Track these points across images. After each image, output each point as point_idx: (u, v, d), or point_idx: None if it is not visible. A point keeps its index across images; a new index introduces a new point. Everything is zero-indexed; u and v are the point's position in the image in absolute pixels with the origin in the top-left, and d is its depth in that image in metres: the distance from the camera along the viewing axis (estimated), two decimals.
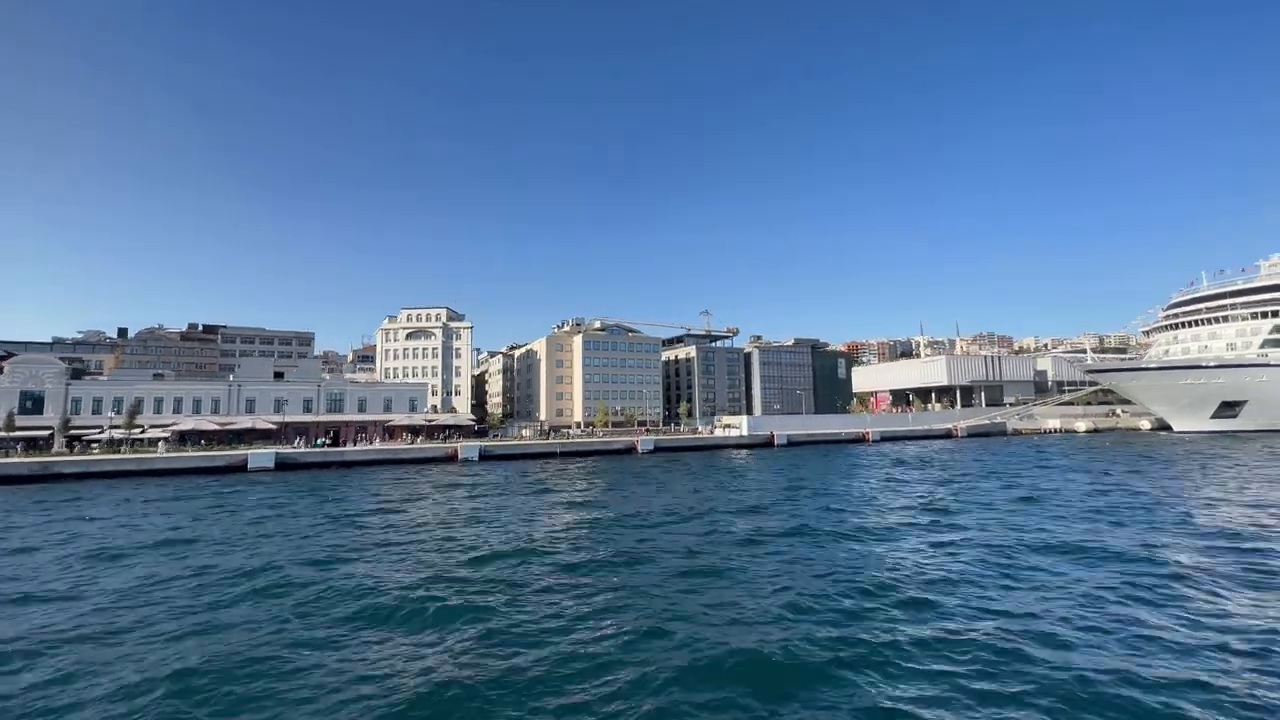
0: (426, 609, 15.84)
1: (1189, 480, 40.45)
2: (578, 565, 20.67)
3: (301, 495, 40.31)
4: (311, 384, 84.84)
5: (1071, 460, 58.73)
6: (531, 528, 27.69)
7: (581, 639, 13.73)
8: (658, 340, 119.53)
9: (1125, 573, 18.51)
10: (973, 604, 15.81)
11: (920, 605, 15.81)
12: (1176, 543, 22.47)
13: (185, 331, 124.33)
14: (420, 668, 12.27)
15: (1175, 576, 18.03)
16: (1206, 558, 20.16)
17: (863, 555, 21.47)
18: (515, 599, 16.91)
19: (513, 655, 12.86)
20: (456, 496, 39.23)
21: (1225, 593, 16.50)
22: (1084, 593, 16.64)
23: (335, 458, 63.88)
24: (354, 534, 26.68)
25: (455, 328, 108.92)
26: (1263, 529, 24.38)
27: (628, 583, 18.43)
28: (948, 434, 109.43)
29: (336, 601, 16.77)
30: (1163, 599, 16.04)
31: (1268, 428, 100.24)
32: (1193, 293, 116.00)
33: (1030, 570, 19.07)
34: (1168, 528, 25.14)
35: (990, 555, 21.00)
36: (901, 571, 19.07)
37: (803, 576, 18.66)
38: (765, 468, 58.17)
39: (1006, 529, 25.54)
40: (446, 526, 28.30)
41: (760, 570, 19.62)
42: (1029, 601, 15.92)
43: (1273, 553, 20.56)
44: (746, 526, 27.18)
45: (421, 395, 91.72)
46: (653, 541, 24.30)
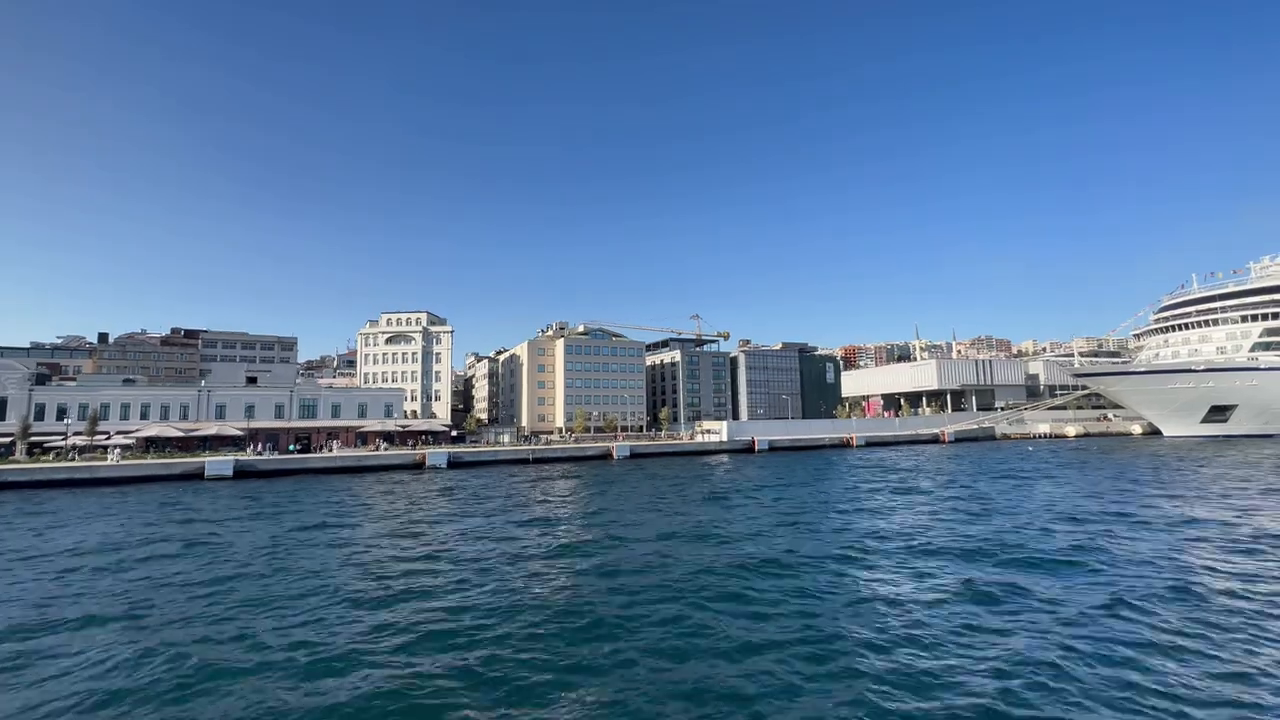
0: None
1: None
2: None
3: (240, 507, 39.04)
4: (284, 389, 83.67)
5: (1035, 467, 57.37)
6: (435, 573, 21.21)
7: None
8: (641, 344, 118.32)
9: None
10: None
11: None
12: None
13: (166, 336, 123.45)
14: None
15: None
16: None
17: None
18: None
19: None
20: (397, 509, 37.90)
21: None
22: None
23: (297, 465, 62.57)
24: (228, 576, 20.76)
25: (436, 331, 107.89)
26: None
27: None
28: (935, 439, 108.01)
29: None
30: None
31: (1259, 432, 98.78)
32: (1183, 296, 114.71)
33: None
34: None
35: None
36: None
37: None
38: (735, 476, 56.79)
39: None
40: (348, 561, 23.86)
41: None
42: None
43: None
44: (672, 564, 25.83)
45: (398, 400, 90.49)
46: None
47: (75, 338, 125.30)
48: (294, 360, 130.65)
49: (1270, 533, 24.60)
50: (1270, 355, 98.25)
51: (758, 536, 26.32)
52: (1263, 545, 22.49)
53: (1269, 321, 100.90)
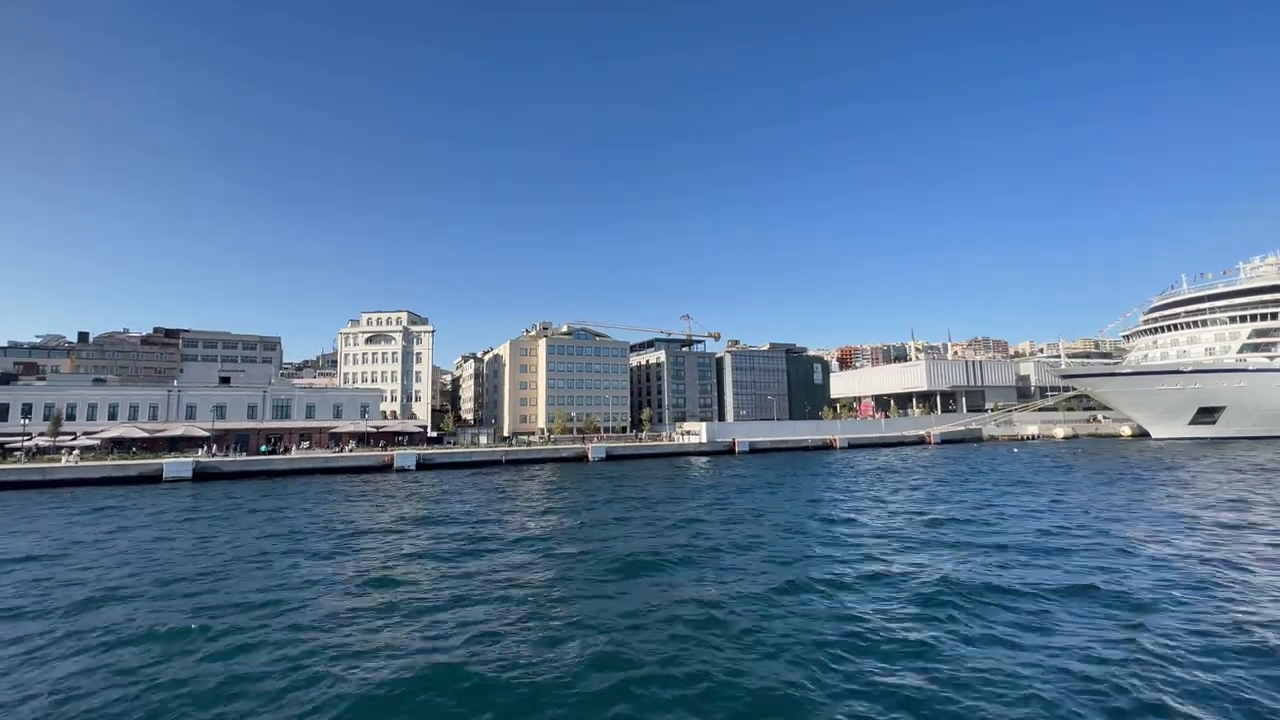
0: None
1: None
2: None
3: (177, 512, 37.90)
4: (257, 390, 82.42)
5: (1002, 472, 56.22)
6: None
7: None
8: (625, 344, 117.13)
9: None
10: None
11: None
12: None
13: (146, 336, 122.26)
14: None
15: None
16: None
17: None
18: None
19: None
20: (340, 514, 36.74)
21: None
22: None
23: (260, 467, 61.36)
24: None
25: (416, 331, 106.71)
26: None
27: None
28: (920, 441, 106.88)
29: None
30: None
31: (1247, 434, 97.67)
32: (1172, 296, 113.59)
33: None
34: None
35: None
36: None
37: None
38: (704, 479, 55.64)
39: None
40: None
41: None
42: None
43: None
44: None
45: (375, 400, 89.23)
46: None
47: (55, 337, 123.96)
48: (276, 360, 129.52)
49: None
50: (1259, 356, 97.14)
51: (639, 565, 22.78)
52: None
53: (1258, 323, 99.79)
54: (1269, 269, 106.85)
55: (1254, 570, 19.79)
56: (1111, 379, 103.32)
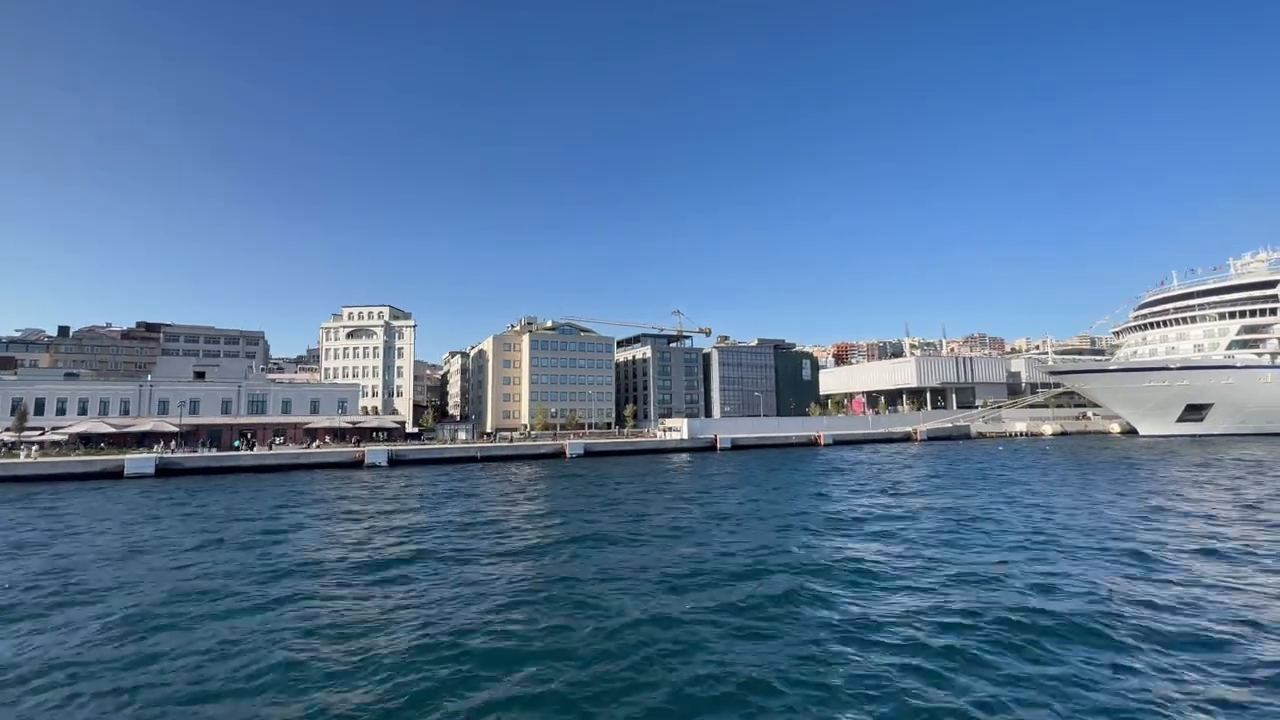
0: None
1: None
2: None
3: (125, 511, 36.91)
4: (231, 385, 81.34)
5: (967, 470, 55.40)
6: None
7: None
8: (610, 340, 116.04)
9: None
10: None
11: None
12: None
13: (126, 330, 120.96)
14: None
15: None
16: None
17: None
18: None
19: None
20: (288, 515, 35.75)
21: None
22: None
23: (226, 463, 60.33)
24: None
25: (398, 326, 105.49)
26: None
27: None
28: (907, 438, 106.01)
29: None
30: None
31: (1235, 431, 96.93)
32: (1162, 293, 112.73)
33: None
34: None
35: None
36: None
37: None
38: (677, 479, 54.71)
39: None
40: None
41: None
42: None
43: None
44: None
45: (353, 396, 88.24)
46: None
47: (35, 331, 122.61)
48: (261, 355, 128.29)
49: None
50: (1247, 353, 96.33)
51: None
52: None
53: (1247, 319, 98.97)
54: (1259, 265, 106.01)
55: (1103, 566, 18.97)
56: (1099, 375, 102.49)
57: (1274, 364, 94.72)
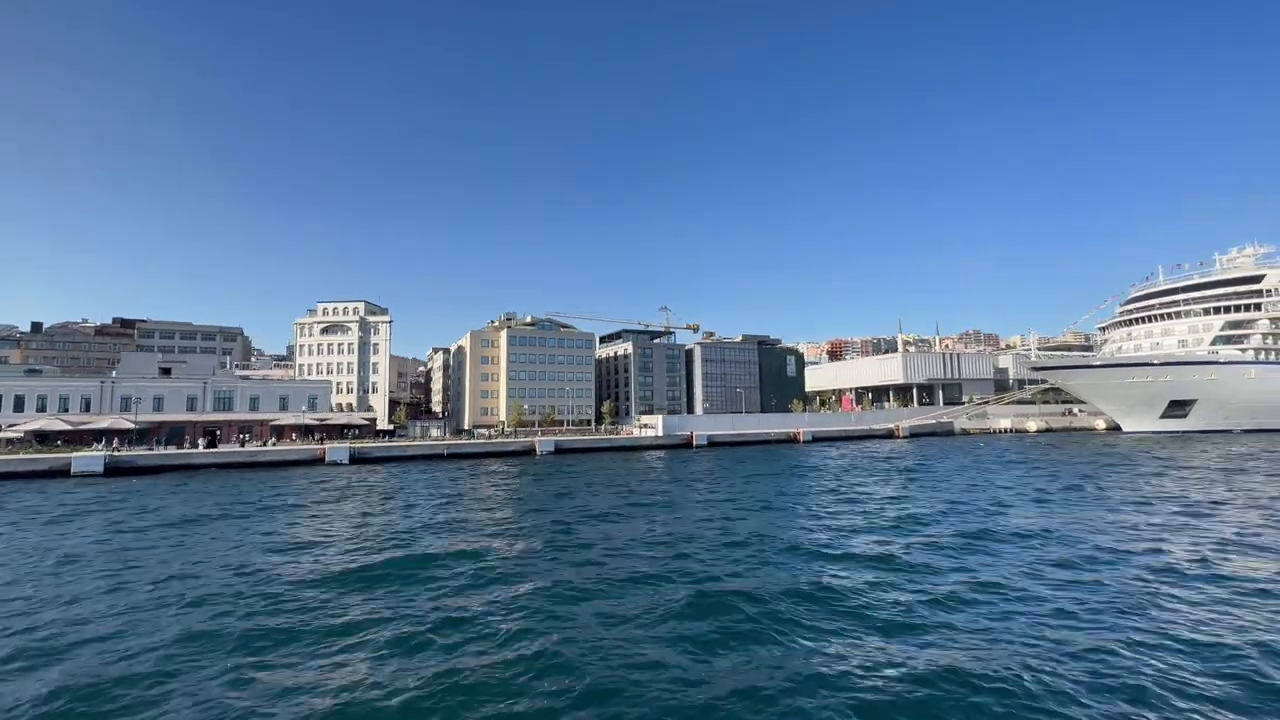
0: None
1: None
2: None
3: (45, 515, 35.59)
4: (197, 381, 79.79)
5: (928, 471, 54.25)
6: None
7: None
8: (591, 335, 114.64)
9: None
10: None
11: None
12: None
13: (100, 326, 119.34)
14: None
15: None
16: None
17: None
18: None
19: None
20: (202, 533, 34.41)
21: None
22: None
23: (178, 461, 58.93)
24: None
25: (374, 322, 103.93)
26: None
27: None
28: (889, 434, 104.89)
29: None
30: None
31: (1219, 428, 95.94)
32: (1148, 288, 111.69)
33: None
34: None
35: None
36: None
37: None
38: (645, 478, 53.46)
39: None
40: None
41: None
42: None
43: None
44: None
45: (324, 392, 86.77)
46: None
47: (7, 327, 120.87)
48: (238, 351, 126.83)
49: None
50: (1230, 349, 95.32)
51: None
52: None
53: (1231, 314, 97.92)
54: (1245, 260, 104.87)
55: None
56: (1082, 371, 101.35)
57: (1258, 360, 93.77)
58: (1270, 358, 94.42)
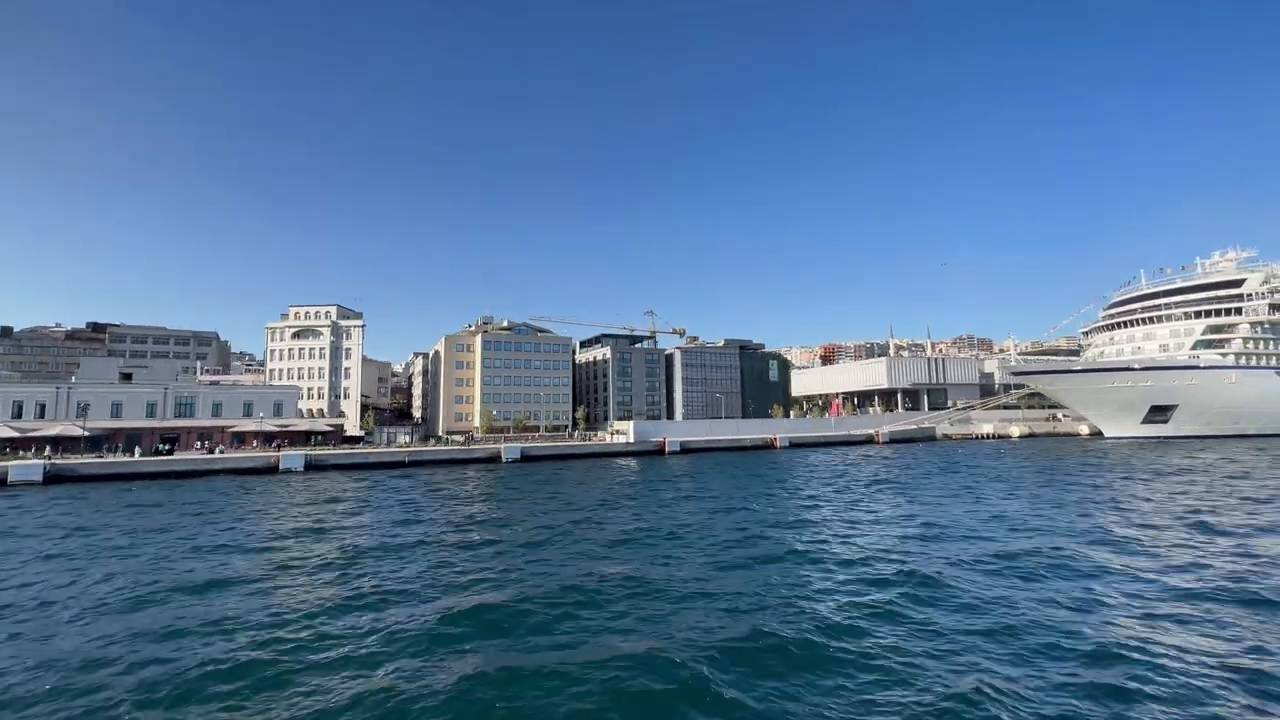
0: None
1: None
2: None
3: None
4: (157, 387, 78.21)
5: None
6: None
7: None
8: (568, 340, 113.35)
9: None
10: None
11: None
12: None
13: (71, 331, 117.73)
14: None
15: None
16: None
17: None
18: None
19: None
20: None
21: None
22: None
23: (125, 469, 57.28)
24: None
25: (346, 326, 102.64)
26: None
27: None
28: (869, 440, 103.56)
29: None
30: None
31: (1200, 433, 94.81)
32: (1130, 292, 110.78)
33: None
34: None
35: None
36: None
37: None
38: (597, 489, 52.01)
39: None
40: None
41: None
42: None
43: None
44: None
45: (289, 398, 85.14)
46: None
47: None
48: (213, 356, 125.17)
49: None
50: (1211, 353, 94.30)
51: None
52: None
53: (1212, 319, 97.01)
54: (1227, 264, 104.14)
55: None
56: (1062, 377, 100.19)
57: (1238, 364, 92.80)
58: (1251, 362, 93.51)
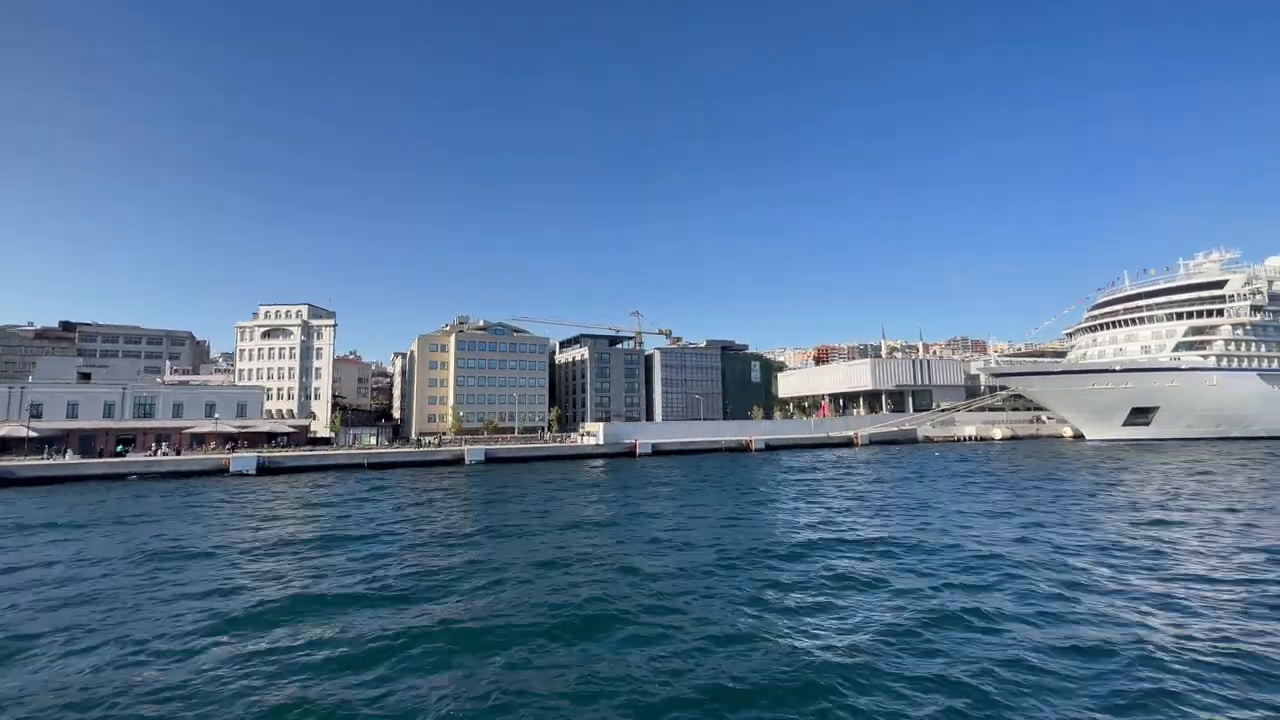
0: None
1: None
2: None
3: None
4: (115, 387, 76.56)
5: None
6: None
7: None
8: (545, 340, 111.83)
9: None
10: None
11: None
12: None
13: (41, 329, 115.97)
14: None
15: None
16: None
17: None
18: None
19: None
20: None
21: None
22: None
23: (67, 472, 55.61)
24: None
25: (316, 326, 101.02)
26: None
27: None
28: (848, 442, 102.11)
29: None
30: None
31: (1183, 435, 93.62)
32: (1114, 293, 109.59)
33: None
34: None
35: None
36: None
37: None
38: (550, 497, 50.53)
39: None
40: None
41: None
42: None
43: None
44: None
45: (253, 399, 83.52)
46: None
47: None
48: (187, 356, 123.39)
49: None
50: (1193, 355, 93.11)
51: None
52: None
53: (1194, 320, 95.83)
54: (1211, 266, 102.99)
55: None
56: (1041, 378, 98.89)
57: (1220, 366, 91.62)
58: (1232, 364, 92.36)
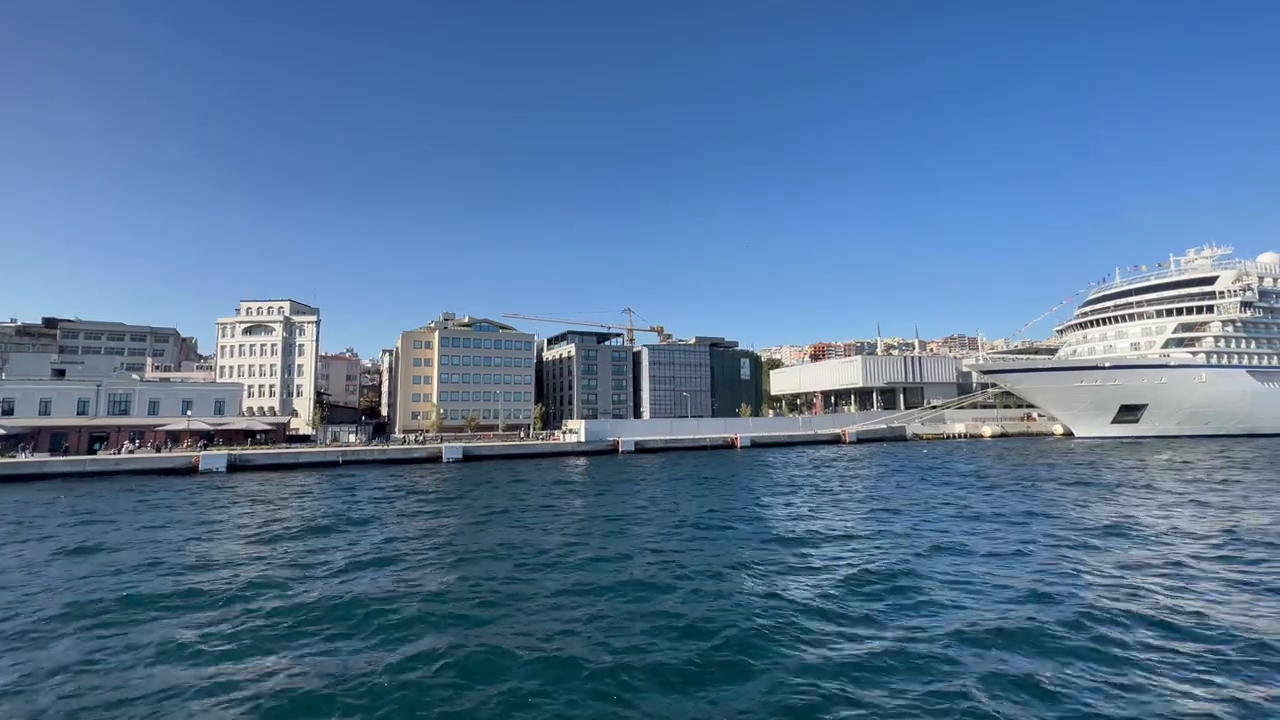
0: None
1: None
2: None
3: None
4: (89, 384, 75.45)
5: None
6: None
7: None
8: (530, 337, 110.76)
9: None
10: None
11: None
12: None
13: (22, 326, 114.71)
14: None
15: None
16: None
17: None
18: None
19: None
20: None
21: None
22: None
23: (29, 470, 54.62)
24: None
25: (299, 322, 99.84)
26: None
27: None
28: (836, 440, 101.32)
29: None
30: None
31: (1172, 433, 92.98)
32: (1104, 290, 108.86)
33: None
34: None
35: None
36: None
37: None
38: (520, 499, 49.59)
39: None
40: None
41: None
42: None
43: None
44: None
45: (232, 396, 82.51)
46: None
47: None
48: (171, 353, 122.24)
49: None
50: (1182, 352, 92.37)
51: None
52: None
53: (1184, 316, 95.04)
54: (1202, 262, 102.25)
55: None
56: (1031, 375, 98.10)
57: (1209, 363, 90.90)
58: (1222, 361, 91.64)
